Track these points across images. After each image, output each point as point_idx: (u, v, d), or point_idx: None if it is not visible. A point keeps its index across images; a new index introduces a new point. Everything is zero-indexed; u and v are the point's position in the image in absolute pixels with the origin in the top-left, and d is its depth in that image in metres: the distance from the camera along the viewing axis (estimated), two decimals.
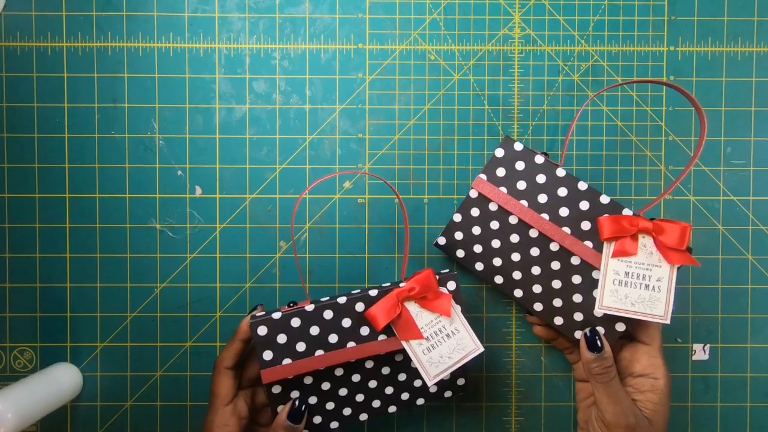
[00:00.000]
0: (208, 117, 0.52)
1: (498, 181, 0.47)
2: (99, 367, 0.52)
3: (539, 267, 0.47)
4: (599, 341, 0.44)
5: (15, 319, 0.52)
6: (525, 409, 0.53)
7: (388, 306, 0.44)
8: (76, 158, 0.52)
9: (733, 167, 0.52)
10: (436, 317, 0.45)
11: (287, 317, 0.44)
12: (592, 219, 0.45)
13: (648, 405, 0.44)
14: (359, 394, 0.46)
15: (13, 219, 0.52)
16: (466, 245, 0.48)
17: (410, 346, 0.45)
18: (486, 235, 0.47)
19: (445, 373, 0.44)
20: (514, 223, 0.47)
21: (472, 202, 0.48)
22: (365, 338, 0.45)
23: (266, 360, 0.44)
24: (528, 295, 0.47)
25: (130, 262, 0.52)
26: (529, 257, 0.47)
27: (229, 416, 0.44)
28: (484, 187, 0.47)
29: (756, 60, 0.52)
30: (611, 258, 0.44)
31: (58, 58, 0.52)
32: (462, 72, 0.52)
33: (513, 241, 0.47)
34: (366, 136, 0.52)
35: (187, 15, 0.52)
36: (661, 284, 0.43)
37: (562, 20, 0.52)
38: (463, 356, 0.45)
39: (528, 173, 0.46)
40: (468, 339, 0.45)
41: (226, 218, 0.52)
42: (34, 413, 0.45)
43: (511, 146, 0.47)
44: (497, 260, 0.47)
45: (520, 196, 0.47)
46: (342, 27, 0.52)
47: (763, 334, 0.52)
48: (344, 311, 0.45)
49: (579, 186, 0.46)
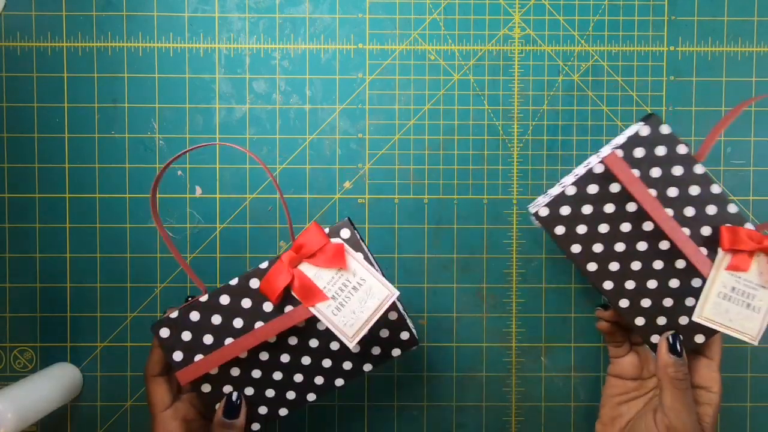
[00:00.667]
0: (208, 117, 0.52)
1: (633, 162, 0.42)
2: (99, 367, 0.52)
3: (640, 263, 0.43)
4: (680, 346, 0.43)
5: (15, 319, 0.52)
6: (525, 409, 0.53)
7: (278, 274, 0.40)
8: (76, 158, 0.52)
9: (733, 167, 0.52)
10: (337, 272, 0.41)
11: (185, 312, 0.42)
12: (714, 226, 0.42)
13: (705, 418, 0.44)
14: (296, 374, 0.43)
15: (13, 219, 0.52)
16: (569, 222, 0.43)
17: (319, 311, 0.40)
18: (596, 217, 0.43)
19: (364, 329, 0.40)
20: (632, 211, 0.43)
21: (593, 177, 0.43)
22: (271, 315, 0.42)
23: (177, 361, 0.42)
24: (617, 290, 0.44)
25: (130, 262, 0.52)
26: (633, 250, 0.43)
27: (170, 421, 0.43)
28: (616, 165, 0.42)
29: (756, 60, 0.52)
30: (724, 270, 0.42)
31: (58, 58, 0.52)
32: (462, 72, 0.52)
33: (623, 229, 0.43)
34: (366, 136, 0.52)
35: (187, 15, 0.52)
36: (762, 305, 0.42)
37: (562, 20, 0.52)
38: (377, 306, 0.40)
39: (666, 161, 0.42)
40: (378, 286, 0.40)
41: (226, 218, 0.52)
42: (34, 413, 0.45)
43: (657, 127, 0.42)
44: (598, 246, 0.43)
45: (651, 184, 0.42)
46: (342, 27, 0.52)
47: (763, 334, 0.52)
48: (240, 292, 0.42)
49: (712, 189, 0.42)
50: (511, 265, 0.53)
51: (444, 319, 0.53)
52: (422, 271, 0.53)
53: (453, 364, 0.53)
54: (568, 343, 0.53)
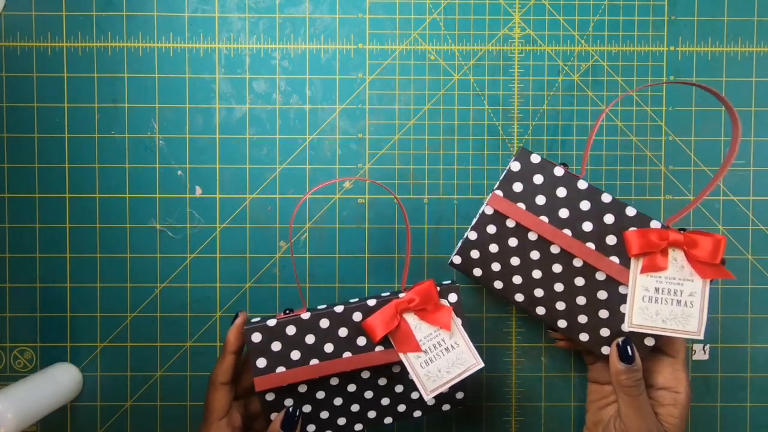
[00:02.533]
0: (208, 117, 0.52)
1: (515, 197, 0.44)
2: (99, 367, 0.52)
3: (562, 284, 0.45)
4: (631, 352, 0.43)
5: (15, 319, 0.52)
6: (525, 409, 0.53)
7: (386, 317, 0.43)
8: (76, 158, 0.52)
9: (733, 167, 0.52)
10: (436, 330, 0.44)
11: (282, 325, 0.44)
12: (617, 233, 0.43)
13: (669, 419, 0.44)
14: (354, 404, 0.46)
15: (13, 219, 0.52)
16: (483, 264, 0.46)
17: (408, 359, 0.44)
18: (504, 253, 0.45)
19: (443, 387, 0.43)
20: (534, 240, 0.45)
21: (487, 218, 0.45)
22: (362, 348, 0.44)
23: (260, 368, 0.44)
24: (551, 312, 0.45)
25: (130, 262, 0.52)
26: (551, 274, 0.45)
27: (224, 429, 0.44)
28: (500, 204, 0.44)
29: (756, 60, 0.52)
30: (640, 274, 0.42)
31: (58, 58, 0.52)
32: (462, 72, 0.52)
33: (533, 258, 0.45)
34: (366, 136, 0.52)
35: (187, 15, 0.52)
36: (693, 299, 0.41)
37: (562, 20, 0.52)
38: (462, 371, 0.44)
39: (547, 187, 0.44)
40: (468, 353, 0.44)
41: (226, 218, 0.52)
42: (34, 413, 0.45)
43: (528, 158, 0.44)
44: (517, 278, 0.45)
45: (540, 212, 0.44)
46: (342, 27, 0.52)
47: (763, 334, 0.52)
48: (341, 321, 0.44)
49: (603, 198, 0.43)
50: None
51: None
52: (422, 271, 0.53)
53: None
54: None
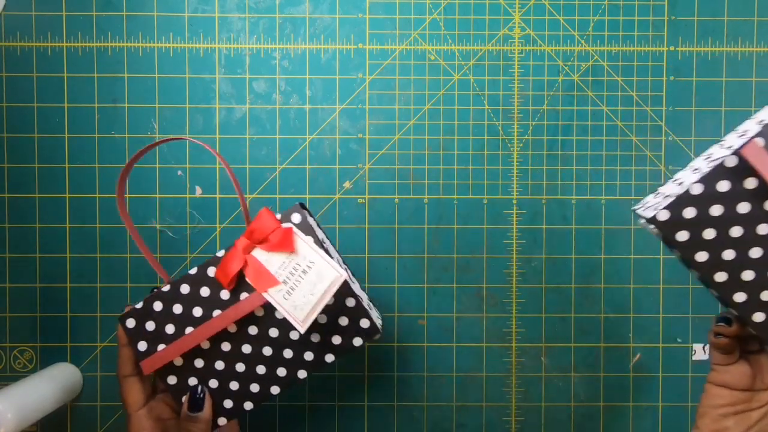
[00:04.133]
0: (208, 117, 0.52)
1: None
2: (99, 367, 0.52)
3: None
4: None
5: (15, 319, 0.52)
6: (525, 409, 0.53)
7: (231, 260, 0.41)
8: (76, 158, 0.52)
9: None
10: (287, 256, 0.40)
11: (149, 303, 0.43)
12: None
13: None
14: (258, 365, 0.43)
15: (13, 219, 0.52)
16: (695, 226, 0.37)
17: (271, 296, 0.40)
18: (727, 219, 0.37)
19: (314, 313, 0.39)
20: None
21: (725, 172, 0.36)
22: (228, 302, 0.42)
23: (142, 351, 0.43)
24: (751, 302, 0.38)
25: (130, 262, 0.52)
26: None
27: (144, 420, 0.43)
28: (757, 156, 0.35)
29: (756, 60, 0.52)
30: None
31: (58, 58, 0.52)
32: (462, 72, 0.52)
33: (760, 232, 0.37)
34: (366, 136, 0.52)
35: (187, 15, 0.52)
36: None
37: (562, 20, 0.52)
38: (326, 288, 0.39)
39: None
40: (327, 268, 0.39)
41: (226, 218, 0.52)
42: (34, 413, 0.45)
43: None
44: (729, 253, 0.37)
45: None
46: (342, 27, 0.52)
47: None
48: (199, 281, 0.42)
49: None
50: (511, 265, 0.53)
51: (444, 319, 0.53)
52: (422, 271, 0.53)
53: (453, 364, 0.53)
54: (568, 343, 0.53)
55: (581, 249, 0.53)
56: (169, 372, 0.43)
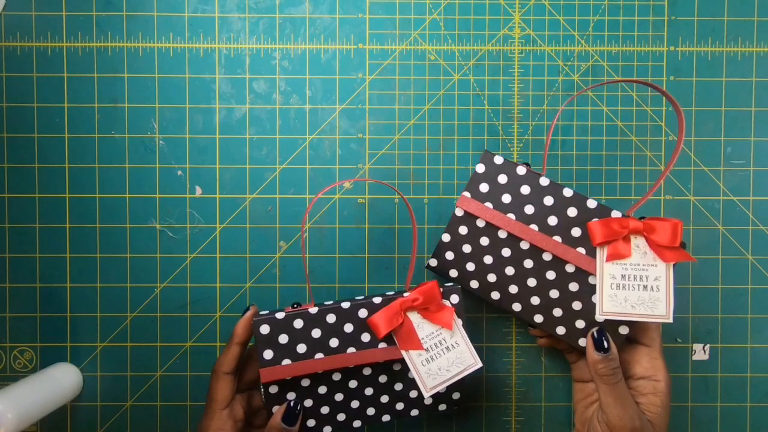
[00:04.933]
0: (208, 117, 0.52)
1: (482, 197, 0.46)
2: (99, 367, 0.52)
3: (534, 278, 0.46)
4: (606, 342, 0.44)
5: (15, 319, 0.52)
6: (525, 409, 0.53)
7: (390, 314, 0.44)
8: (76, 158, 0.52)
9: (733, 167, 0.52)
10: (437, 329, 0.45)
11: (290, 318, 0.45)
12: (581, 224, 0.45)
13: (650, 408, 0.44)
14: (354, 400, 0.46)
15: (13, 219, 0.52)
16: (458, 265, 0.48)
17: (409, 356, 0.45)
18: (477, 252, 0.47)
19: (442, 385, 0.45)
20: (504, 237, 0.46)
21: (458, 220, 0.47)
22: (365, 345, 0.45)
23: (266, 359, 0.44)
24: (527, 308, 0.47)
25: (130, 262, 0.52)
26: (523, 270, 0.46)
27: (226, 420, 0.44)
28: (469, 205, 0.46)
29: (756, 60, 0.52)
30: (606, 262, 0.44)
31: (58, 58, 0.52)
32: (462, 72, 0.52)
33: (505, 255, 0.47)
34: (366, 136, 0.52)
35: (187, 15, 0.52)
36: (659, 283, 0.43)
37: (562, 20, 0.52)
38: (461, 370, 0.45)
39: (511, 186, 0.46)
40: (467, 353, 0.45)
41: (226, 218, 0.52)
42: (34, 413, 0.45)
43: (492, 160, 0.46)
44: (491, 276, 0.47)
45: (507, 210, 0.46)
46: (342, 27, 0.52)
47: (763, 334, 0.52)
48: (347, 316, 0.45)
49: (564, 193, 0.45)
50: None
51: None
52: (422, 271, 0.53)
53: None
54: None
55: None
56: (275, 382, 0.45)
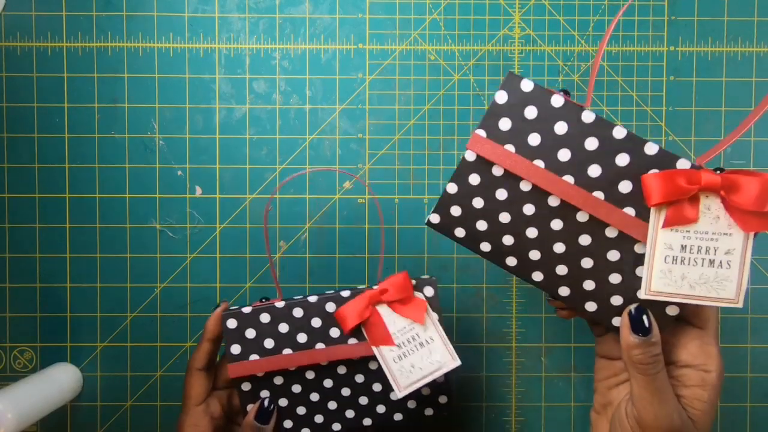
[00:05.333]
0: (208, 117, 0.52)
1: (502, 137, 0.35)
2: (99, 367, 0.52)
3: (563, 243, 0.36)
4: (647, 321, 0.35)
5: (15, 319, 0.52)
6: (525, 409, 0.53)
7: (358, 307, 0.42)
8: (76, 158, 0.52)
9: (733, 167, 0.52)
10: (410, 324, 0.43)
11: (257, 312, 0.44)
12: (634, 178, 0.34)
13: (695, 403, 0.36)
14: (331, 401, 0.45)
15: (13, 219, 0.52)
16: (466, 222, 0.37)
17: (380, 352, 0.42)
18: (491, 208, 0.37)
19: (416, 384, 0.42)
20: (528, 191, 0.36)
21: (469, 167, 0.36)
22: (335, 340, 0.44)
23: (234, 354, 0.44)
24: (550, 279, 0.37)
25: (130, 262, 0.52)
26: (549, 232, 0.36)
27: (201, 416, 0.44)
28: (484, 147, 0.35)
29: (756, 60, 0.52)
30: (662, 228, 0.33)
31: (58, 58, 0.52)
32: (462, 72, 0.52)
33: (527, 213, 0.36)
34: (366, 136, 0.52)
35: (187, 15, 0.52)
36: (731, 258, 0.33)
37: (562, 20, 0.52)
38: (436, 368, 0.42)
39: (543, 122, 0.35)
40: (443, 350, 0.42)
41: (226, 218, 0.52)
42: (34, 413, 0.45)
43: (518, 86, 0.35)
44: (508, 238, 0.37)
45: (534, 155, 0.35)
46: (342, 27, 0.52)
47: (763, 334, 0.52)
48: (315, 310, 0.44)
49: (614, 133, 0.34)
50: None
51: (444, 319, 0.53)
52: (422, 271, 0.53)
53: None
54: (568, 343, 0.53)
55: None
56: (246, 379, 0.45)
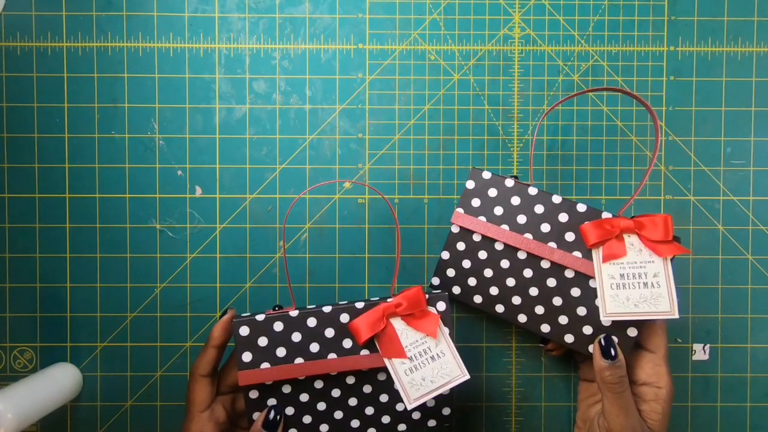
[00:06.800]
0: (208, 117, 0.52)
1: (475, 212, 0.47)
2: (99, 367, 0.52)
3: (536, 287, 0.46)
4: (613, 350, 0.43)
5: (15, 319, 0.52)
6: (525, 409, 0.53)
7: (372, 320, 0.43)
8: (76, 158, 0.52)
9: (733, 167, 0.52)
10: (422, 337, 0.44)
11: (270, 320, 0.44)
12: (574, 229, 0.45)
13: (652, 415, 0.44)
14: (338, 410, 0.45)
15: (13, 219, 0.52)
16: (460, 281, 0.48)
17: (392, 364, 0.43)
18: (477, 267, 0.47)
19: (426, 397, 0.43)
20: (501, 249, 0.47)
21: (455, 237, 0.48)
22: (347, 351, 0.44)
23: (245, 362, 0.44)
24: (532, 319, 0.46)
25: (130, 262, 0.52)
26: (524, 279, 0.46)
27: (206, 422, 0.44)
28: (463, 220, 0.47)
29: (756, 60, 0.52)
30: (603, 263, 0.44)
31: (58, 58, 0.52)
32: (462, 72, 0.52)
33: (504, 266, 0.47)
34: (366, 136, 0.52)
35: (187, 15, 0.52)
36: (659, 279, 0.43)
37: (562, 20, 0.52)
38: (446, 381, 0.43)
39: (502, 198, 0.47)
40: (453, 364, 0.44)
41: (226, 218, 0.52)
42: (34, 413, 0.45)
43: (480, 176, 0.47)
44: (494, 289, 0.47)
45: (500, 221, 0.47)
46: (342, 27, 0.52)
47: (763, 334, 0.52)
48: (328, 321, 0.44)
49: (553, 200, 0.46)
50: None
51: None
52: (422, 271, 0.53)
53: None
54: None
55: None
56: (255, 386, 0.45)
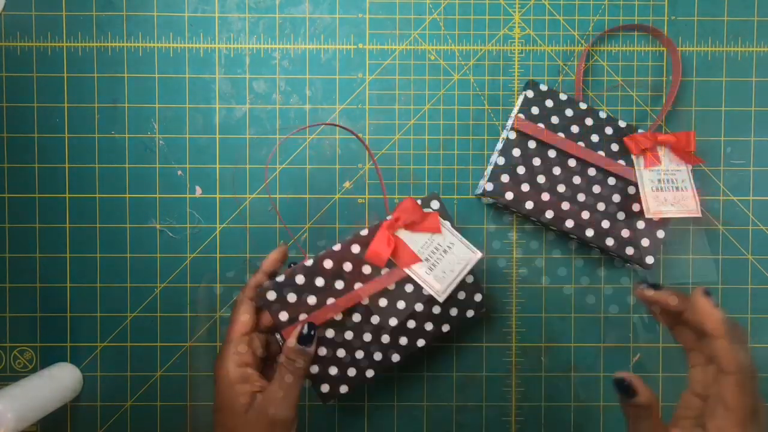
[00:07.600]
0: (208, 117, 0.52)
1: (534, 119, 0.49)
2: (99, 367, 0.52)
3: (584, 194, 0.49)
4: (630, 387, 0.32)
5: (15, 319, 0.52)
6: (525, 409, 0.53)
7: (383, 241, 0.45)
8: (76, 158, 0.52)
9: (733, 167, 0.52)
10: (429, 237, 0.46)
11: (291, 276, 0.45)
12: (618, 140, 0.49)
13: None
14: (384, 335, 0.47)
15: (13, 219, 0.52)
16: (513, 187, 0.49)
17: (413, 271, 0.45)
18: (531, 173, 0.49)
19: (452, 285, 0.45)
20: (554, 156, 0.49)
21: (511, 143, 0.49)
22: (369, 276, 0.46)
23: (283, 321, 0.45)
24: (579, 224, 0.49)
25: (130, 262, 0.52)
26: (573, 186, 0.49)
27: (245, 345, 0.43)
28: (526, 125, 0.49)
29: (756, 60, 0.52)
30: (644, 169, 0.49)
31: (58, 58, 0.52)
32: (462, 72, 0.52)
33: (556, 173, 0.49)
34: (366, 136, 0.52)
35: (187, 15, 0.52)
36: (685, 184, 0.49)
37: (562, 20, 0.52)
38: (464, 266, 0.46)
39: (557, 109, 0.50)
40: (465, 249, 0.46)
41: (226, 218, 0.52)
42: (34, 413, 0.45)
43: (537, 87, 0.50)
44: (545, 195, 0.49)
45: (556, 129, 0.49)
46: (342, 27, 0.52)
47: (763, 334, 0.52)
48: (342, 257, 0.45)
49: (600, 114, 0.50)
50: (511, 264, 0.53)
51: None
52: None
53: (453, 364, 0.53)
54: (568, 343, 0.53)
55: (582, 249, 0.53)
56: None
